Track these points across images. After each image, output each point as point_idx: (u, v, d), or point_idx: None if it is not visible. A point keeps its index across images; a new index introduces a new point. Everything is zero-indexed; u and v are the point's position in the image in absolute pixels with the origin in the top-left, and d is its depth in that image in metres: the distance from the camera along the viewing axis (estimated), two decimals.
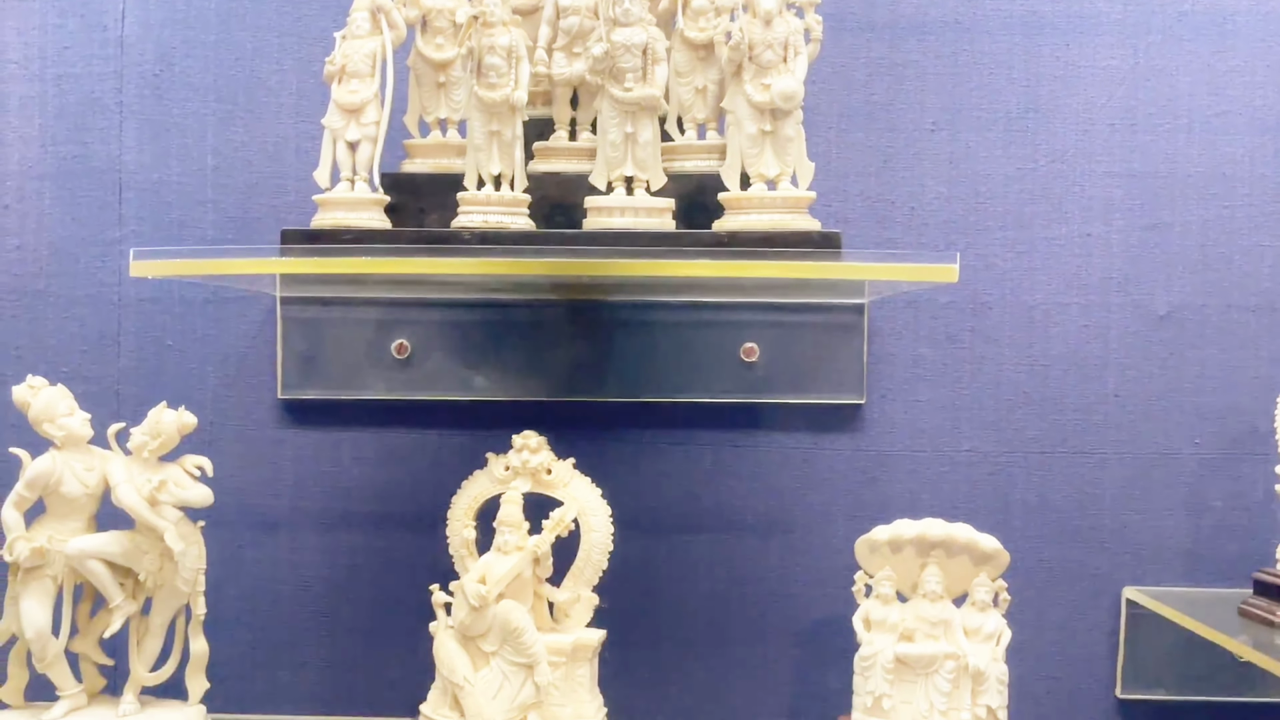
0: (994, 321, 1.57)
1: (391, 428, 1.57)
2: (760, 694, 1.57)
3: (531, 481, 1.32)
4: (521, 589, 1.27)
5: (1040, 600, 1.56)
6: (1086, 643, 1.57)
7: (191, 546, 1.25)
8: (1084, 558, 1.57)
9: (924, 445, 1.57)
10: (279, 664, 1.57)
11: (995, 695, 1.28)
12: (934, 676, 1.28)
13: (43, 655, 1.22)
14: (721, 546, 1.58)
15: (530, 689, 1.23)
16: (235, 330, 1.57)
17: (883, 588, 1.33)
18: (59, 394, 1.25)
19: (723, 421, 1.57)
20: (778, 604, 1.57)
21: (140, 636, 1.27)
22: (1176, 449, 1.56)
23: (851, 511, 1.56)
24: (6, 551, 1.21)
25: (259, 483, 1.57)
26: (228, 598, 1.53)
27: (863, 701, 1.32)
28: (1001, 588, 1.32)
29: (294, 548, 1.58)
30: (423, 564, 1.49)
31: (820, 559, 1.57)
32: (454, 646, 1.26)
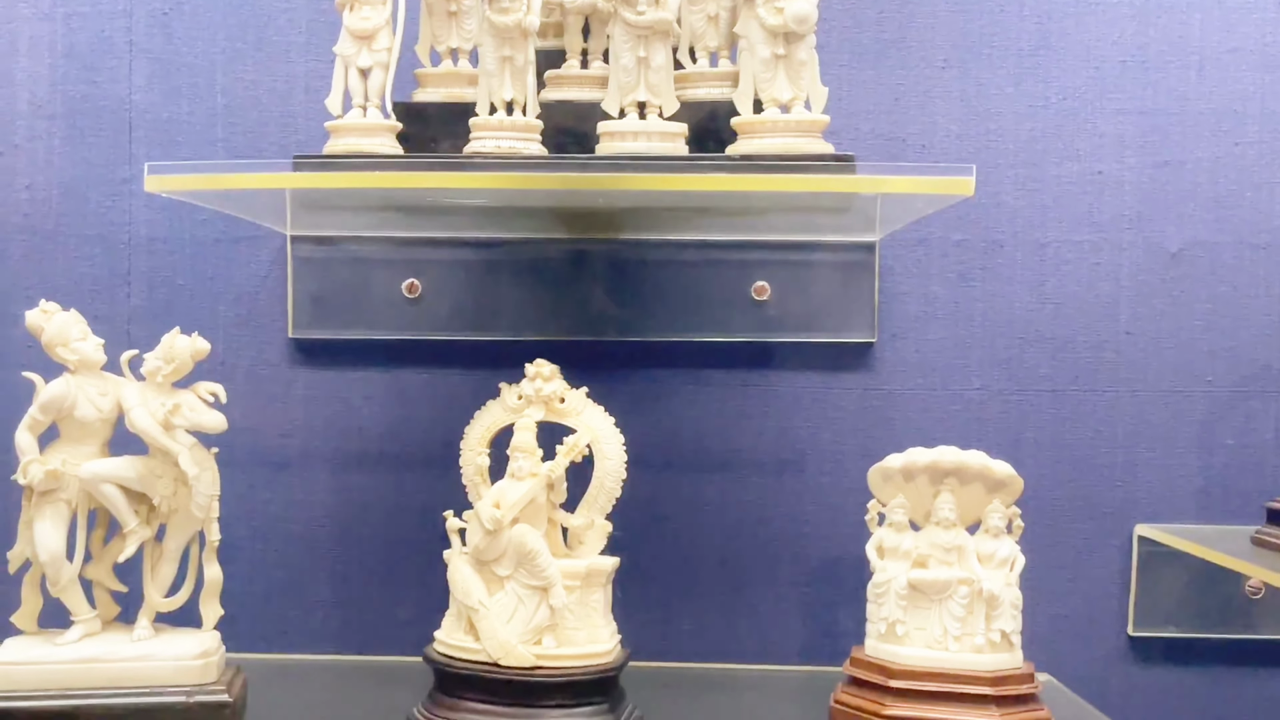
0: (1005, 260, 1.57)
1: (402, 367, 1.57)
2: (772, 631, 1.57)
3: (545, 410, 1.32)
4: (536, 514, 1.27)
5: (1052, 538, 1.56)
6: (1098, 581, 1.57)
7: (205, 472, 1.25)
8: (1095, 496, 1.57)
9: (935, 384, 1.57)
10: (290, 603, 1.57)
11: (1009, 620, 1.28)
12: (948, 602, 1.28)
13: (57, 579, 1.22)
14: (732, 485, 1.58)
15: (545, 612, 1.23)
16: (246, 270, 1.57)
17: (896, 515, 1.32)
18: (72, 319, 1.25)
19: (734, 361, 1.57)
20: (789, 542, 1.57)
21: (154, 562, 1.27)
22: (1188, 386, 1.56)
23: (863, 450, 1.55)
24: (20, 474, 1.21)
25: (270, 422, 1.57)
26: (239, 537, 1.53)
27: (876, 628, 1.32)
28: (1015, 514, 1.32)
29: (305, 487, 1.58)
30: (434, 504, 1.48)
31: (831, 497, 1.57)
32: (468, 571, 1.26)
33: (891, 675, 1.28)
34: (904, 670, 1.27)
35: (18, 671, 1.19)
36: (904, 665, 1.28)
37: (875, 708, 1.27)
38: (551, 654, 1.22)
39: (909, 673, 1.27)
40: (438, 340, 1.56)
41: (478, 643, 1.24)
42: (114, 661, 1.21)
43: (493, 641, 1.22)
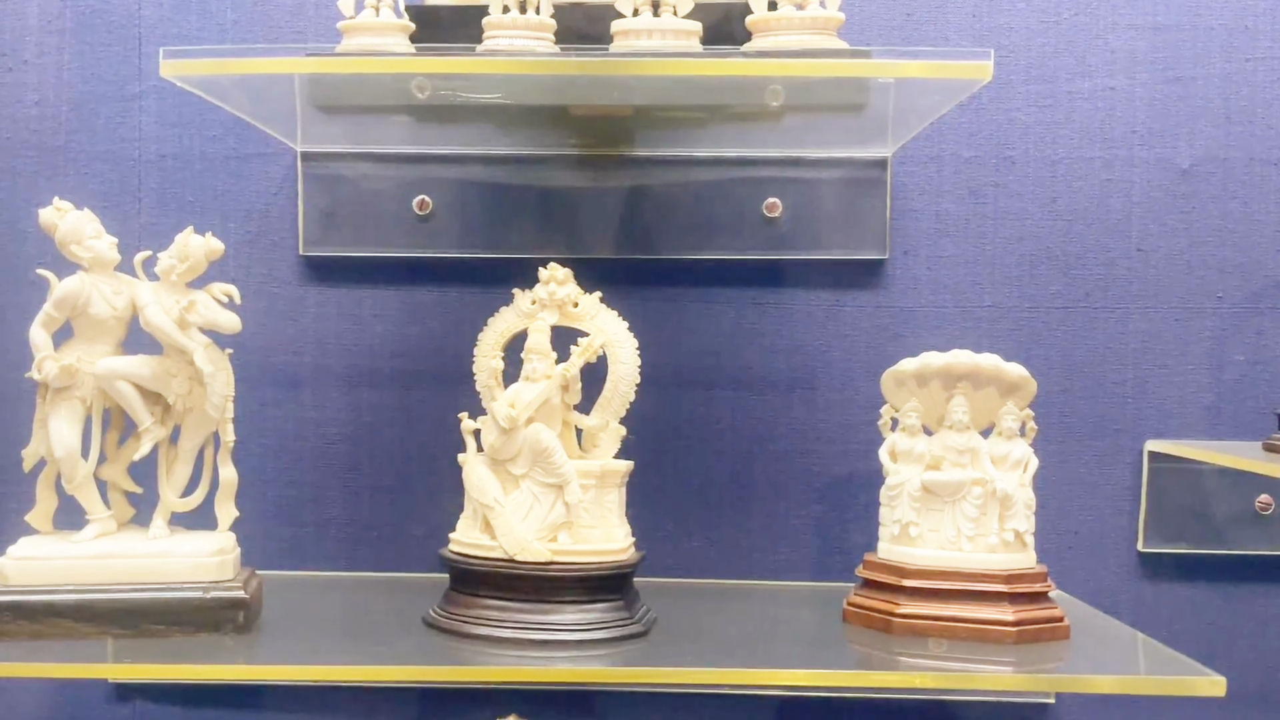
0: (1016, 176, 1.56)
1: (413, 285, 1.57)
2: (782, 549, 1.57)
3: (559, 314, 1.32)
4: (550, 415, 1.27)
5: (1062, 455, 1.56)
6: (1108, 497, 1.57)
7: (220, 372, 1.25)
8: (1106, 412, 1.57)
9: (946, 301, 1.57)
10: (302, 521, 1.57)
11: (1023, 520, 1.28)
12: (961, 503, 1.28)
13: (72, 476, 1.22)
14: (743, 403, 1.58)
15: (560, 509, 1.23)
16: (256, 187, 1.57)
17: (909, 419, 1.33)
18: (85, 217, 1.24)
19: (745, 278, 1.57)
20: (800, 460, 1.58)
21: (169, 464, 1.27)
22: (1199, 303, 1.56)
23: (874, 368, 1.54)
24: (35, 370, 1.21)
25: (281, 340, 1.57)
26: (250, 455, 1.53)
27: (889, 531, 1.32)
28: (1029, 417, 1.32)
29: (316, 405, 1.58)
30: (446, 421, 1.49)
31: (843, 415, 1.57)
32: (484, 471, 1.26)
33: (905, 575, 1.28)
34: (917, 570, 1.28)
35: (33, 566, 1.19)
36: (917, 566, 1.28)
37: (889, 607, 1.27)
38: (567, 550, 1.23)
39: (922, 572, 1.28)
40: (449, 258, 1.56)
41: (493, 540, 1.24)
42: (130, 557, 1.21)
43: (509, 538, 1.23)
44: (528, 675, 1.15)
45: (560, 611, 1.21)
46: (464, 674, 1.14)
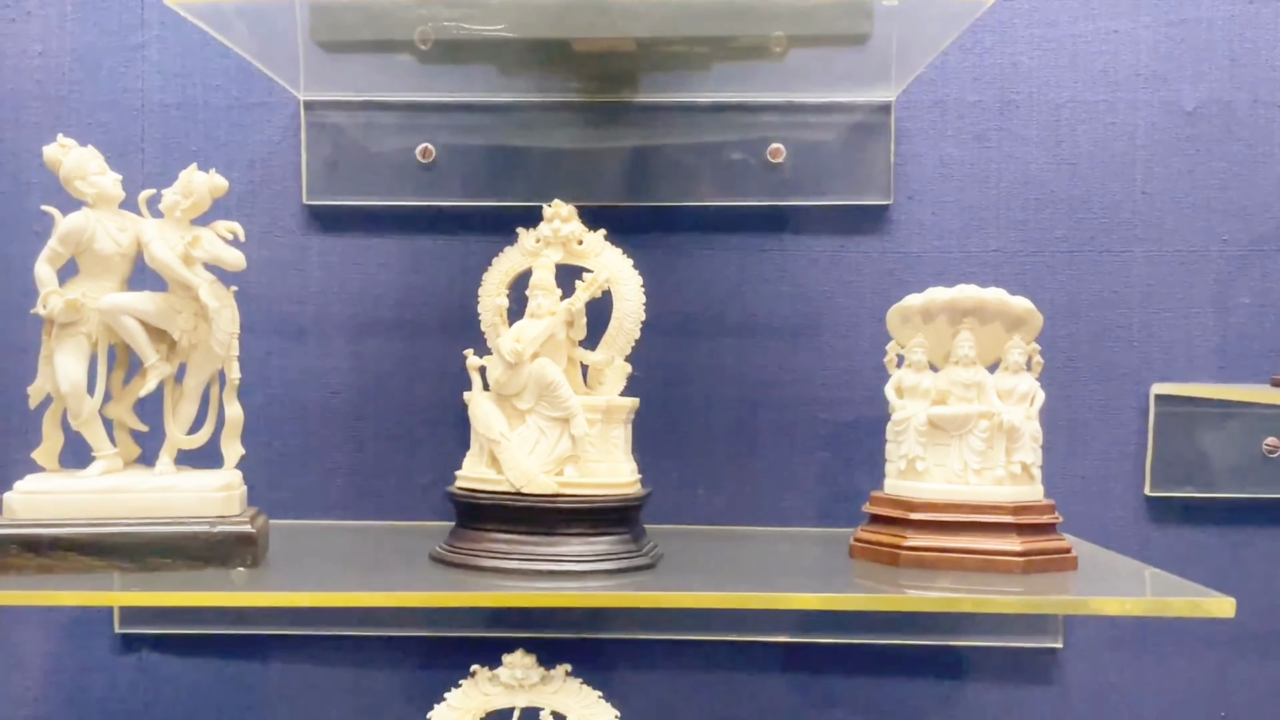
0: (1021, 120, 1.56)
1: (417, 233, 1.57)
2: (788, 495, 1.57)
3: (563, 251, 1.32)
4: (555, 350, 1.27)
5: (1068, 400, 1.56)
6: (1115, 442, 1.57)
7: (225, 309, 1.25)
8: (1111, 356, 1.56)
9: (951, 246, 1.57)
10: (307, 470, 1.57)
11: (1029, 452, 1.28)
12: (968, 436, 1.28)
13: (78, 411, 1.22)
14: (748, 350, 1.57)
15: (567, 442, 1.23)
16: (259, 136, 1.57)
17: (915, 355, 1.32)
18: (89, 154, 1.24)
19: (749, 224, 1.57)
20: (805, 406, 1.57)
21: (175, 402, 1.27)
22: (1204, 246, 1.56)
23: (878, 313, 1.54)
24: (40, 305, 1.21)
25: (284, 289, 1.57)
26: (254, 405, 1.53)
27: (895, 467, 1.32)
28: (1035, 351, 1.32)
29: (321, 354, 1.58)
30: (450, 370, 1.49)
31: (848, 361, 1.57)
32: (490, 406, 1.26)
33: (912, 509, 1.28)
34: (925, 504, 1.27)
35: (40, 500, 1.19)
36: (924, 499, 1.28)
37: (896, 541, 1.27)
38: (573, 482, 1.23)
39: (929, 505, 1.27)
40: (452, 206, 1.56)
41: (500, 474, 1.24)
42: (136, 492, 1.21)
43: (515, 471, 1.23)
44: (534, 600, 1.15)
45: (567, 543, 1.21)
46: (470, 599, 1.14)
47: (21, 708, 1.57)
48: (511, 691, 1.25)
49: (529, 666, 1.25)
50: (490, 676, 1.26)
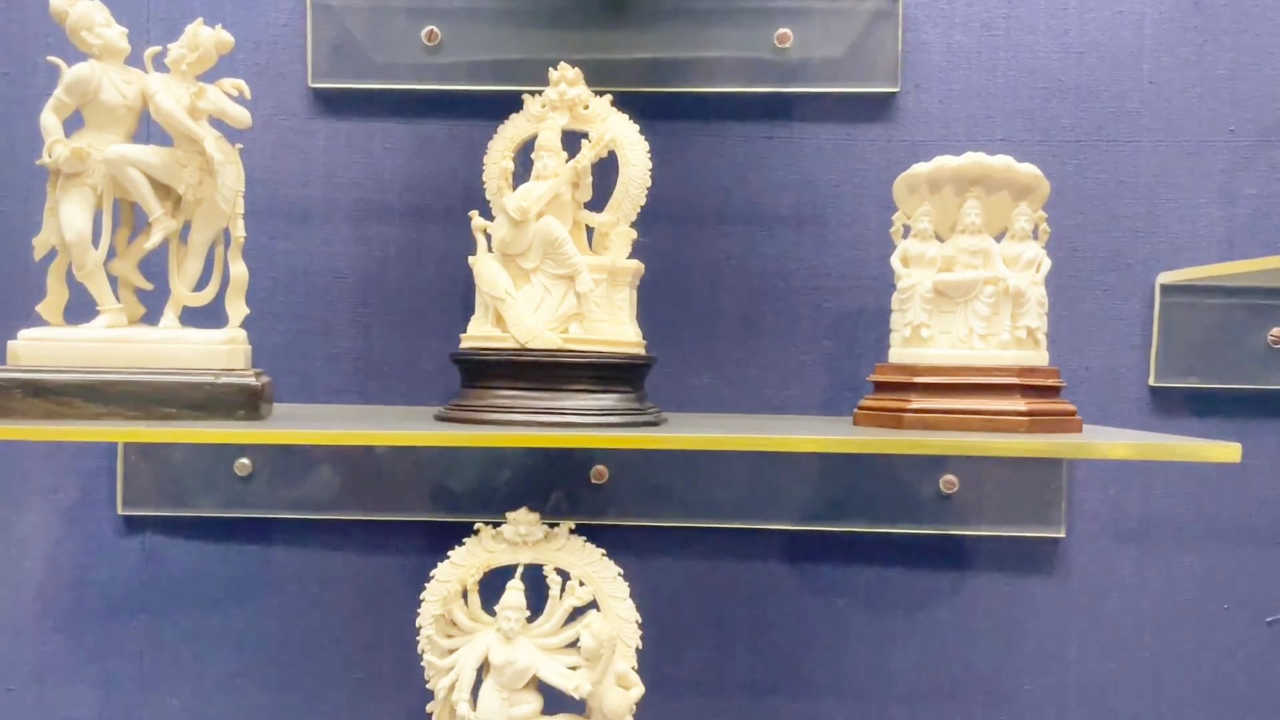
0: (1028, 8, 1.55)
1: (423, 118, 1.57)
2: (792, 385, 1.57)
3: (569, 116, 1.31)
4: (561, 211, 1.27)
5: (1073, 290, 1.55)
6: (1120, 332, 1.56)
7: (230, 165, 1.24)
8: (1117, 246, 1.56)
9: (958, 134, 1.56)
10: (312, 355, 1.57)
11: (1035, 317, 1.28)
12: (973, 302, 1.28)
13: (83, 262, 1.22)
14: (753, 239, 1.57)
15: (571, 300, 1.23)
16: (264, 18, 1.56)
17: (921, 224, 1.32)
18: (95, 6, 1.24)
19: (755, 112, 1.57)
20: (809, 296, 1.57)
21: (180, 259, 1.27)
22: (1211, 136, 1.55)
23: (885, 202, 1.54)
24: (45, 154, 1.20)
25: (290, 173, 1.57)
26: (259, 289, 1.53)
27: (900, 335, 1.32)
28: (1042, 219, 1.31)
29: (326, 239, 1.57)
30: (456, 254, 1.49)
31: (853, 250, 1.57)
32: (495, 265, 1.26)
33: (917, 373, 1.28)
34: (929, 368, 1.27)
35: (45, 348, 1.19)
36: (929, 364, 1.28)
37: (901, 405, 1.27)
38: (578, 339, 1.23)
39: (934, 369, 1.27)
40: (458, 90, 1.56)
41: (504, 332, 1.24)
42: (141, 343, 1.21)
43: (519, 327, 1.22)
44: (536, 440, 1.15)
45: (572, 398, 1.21)
46: (471, 439, 1.14)
47: (23, 591, 1.58)
48: (515, 548, 1.25)
49: (533, 523, 1.25)
50: (494, 534, 1.26)
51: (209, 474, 1.56)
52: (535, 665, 1.22)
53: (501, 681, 1.22)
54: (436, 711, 1.25)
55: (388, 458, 1.56)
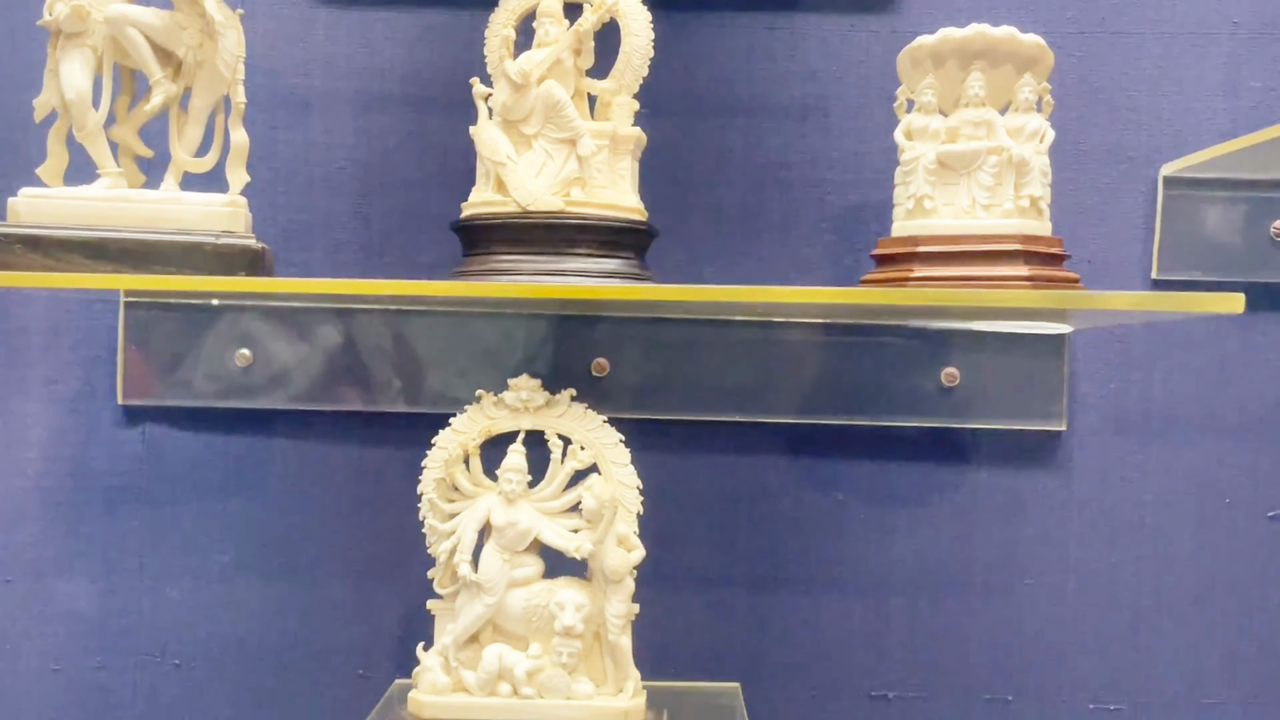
0: None
1: (426, 6, 1.56)
2: (794, 276, 1.56)
3: None
4: (563, 77, 1.26)
5: (1076, 183, 1.55)
6: (1122, 225, 1.56)
7: (230, 29, 1.24)
8: (1120, 140, 1.55)
9: (962, 23, 1.54)
10: (313, 245, 1.57)
11: (1038, 186, 1.27)
12: (976, 173, 1.27)
13: (83, 123, 1.21)
14: (756, 130, 1.56)
15: (573, 164, 1.22)
16: None
17: (925, 97, 1.31)
18: None
19: (758, 1, 1.56)
20: (812, 189, 1.57)
21: (180, 125, 1.26)
22: (1215, 28, 1.55)
23: (888, 95, 1.52)
24: (46, 12, 1.20)
25: (290, 62, 1.56)
26: (259, 179, 1.51)
27: (903, 208, 1.31)
28: (1045, 90, 1.31)
29: (326, 129, 1.57)
30: (457, 146, 1.49)
31: (856, 143, 1.56)
32: (496, 131, 1.25)
33: (919, 243, 1.27)
34: (932, 237, 1.27)
35: (46, 205, 1.19)
36: (932, 233, 1.27)
37: (903, 275, 1.26)
38: (580, 201, 1.22)
39: (937, 239, 1.27)
40: None
41: (505, 197, 1.23)
42: (142, 202, 1.21)
43: (521, 190, 1.22)
44: (539, 291, 1.15)
45: (574, 260, 1.21)
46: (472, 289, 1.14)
47: (22, 481, 1.57)
48: (516, 414, 1.25)
49: (534, 389, 1.25)
50: (495, 400, 1.26)
51: (209, 365, 1.55)
52: (536, 528, 1.22)
53: (503, 543, 1.22)
54: (438, 577, 1.25)
55: (388, 349, 1.55)
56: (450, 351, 1.55)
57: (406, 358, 1.56)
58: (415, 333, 1.55)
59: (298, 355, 1.55)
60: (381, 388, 1.56)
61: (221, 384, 1.55)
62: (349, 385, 1.56)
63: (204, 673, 1.57)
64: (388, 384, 1.56)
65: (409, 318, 1.55)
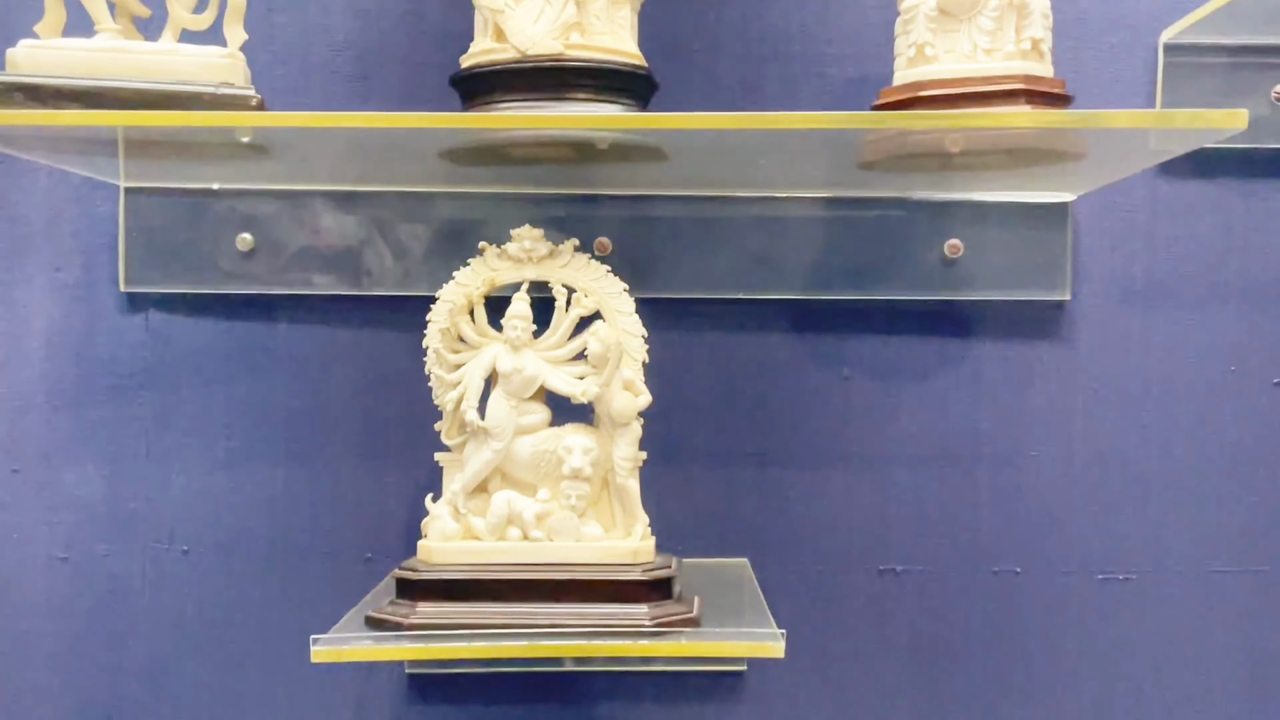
0: None
1: None
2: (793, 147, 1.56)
3: None
4: None
5: (1076, 53, 1.55)
6: (1123, 94, 1.55)
7: None
8: (1120, 7, 1.55)
9: None
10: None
11: (1040, 28, 1.26)
12: (977, 18, 1.27)
13: None
14: (754, 5, 1.56)
15: (572, 9, 1.21)
16: None
17: None
18: None
19: None
20: (814, 64, 1.56)
21: None
22: None
23: None
24: None
25: None
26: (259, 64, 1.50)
27: (905, 58, 1.30)
28: None
29: (322, 9, 1.56)
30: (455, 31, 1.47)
31: (856, 16, 1.56)
32: None
33: (921, 88, 1.27)
34: (934, 82, 1.26)
35: (44, 55, 1.19)
36: (934, 78, 1.27)
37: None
38: (579, 45, 1.22)
39: (939, 83, 1.26)
40: None
41: (504, 44, 1.23)
42: (141, 54, 1.20)
43: (520, 36, 1.21)
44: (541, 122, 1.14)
45: (575, 105, 1.20)
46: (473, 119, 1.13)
47: (27, 370, 1.57)
48: (520, 265, 1.24)
49: (537, 239, 1.25)
50: (498, 252, 1.26)
51: (211, 250, 1.55)
52: (542, 374, 1.22)
53: (509, 390, 1.22)
54: (445, 428, 1.25)
55: (390, 231, 1.55)
56: (451, 233, 1.55)
57: (408, 240, 1.55)
58: (416, 214, 1.55)
59: (300, 239, 1.55)
60: (384, 270, 1.55)
61: (224, 269, 1.55)
62: (352, 268, 1.55)
63: (212, 559, 1.57)
64: (390, 267, 1.55)
65: (410, 199, 1.55)
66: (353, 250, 1.56)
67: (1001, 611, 1.58)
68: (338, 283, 1.56)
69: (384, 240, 1.55)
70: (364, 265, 1.56)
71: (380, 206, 1.55)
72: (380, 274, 1.55)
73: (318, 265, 1.56)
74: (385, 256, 1.55)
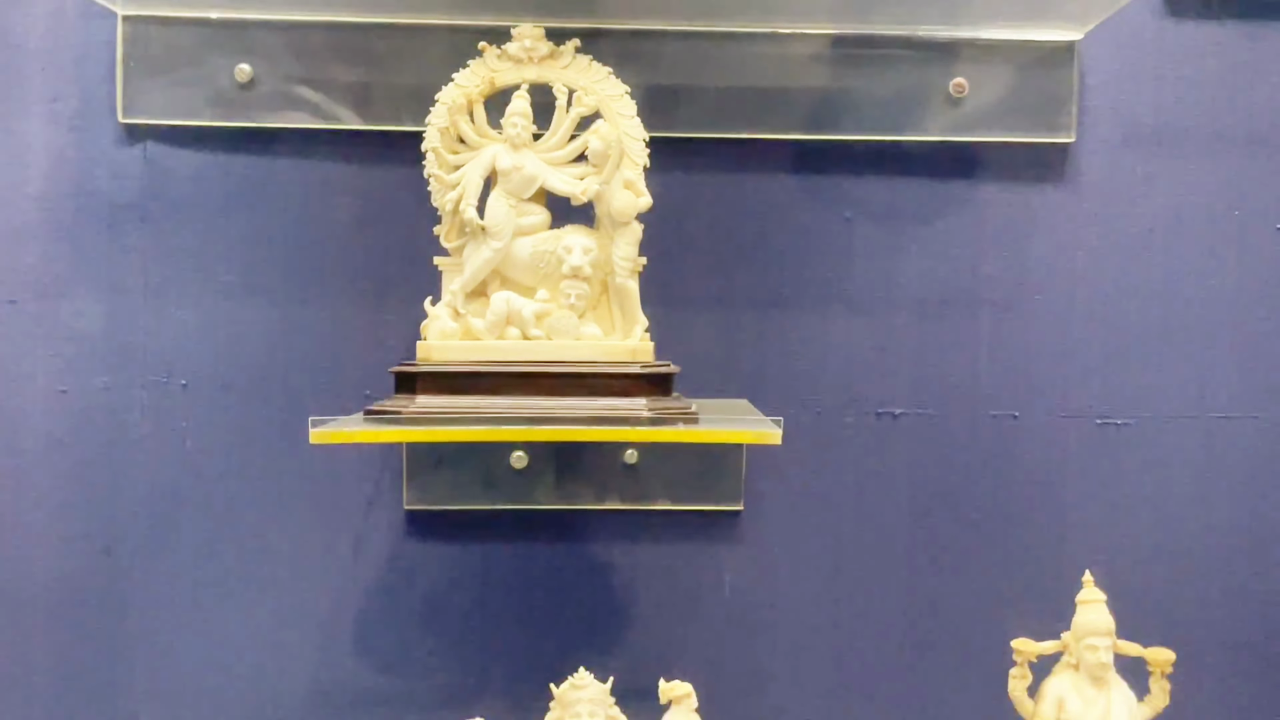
0: None
1: None
2: None
3: None
4: None
5: None
6: None
7: None
8: None
9: None
10: None
11: None
12: None
13: None
14: None
15: None
16: None
17: None
18: None
19: None
20: None
21: None
22: None
23: None
24: None
25: None
26: None
27: None
28: None
29: None
30: None
31: None
32: None
33: None
34: None
35: None
36: None
37: None
38: None
39: None
40: None
41: None
42: None
43: None
44: None
45: None
46: None
47: (24, 201, 1.56)
48: (520, 65, 1.23)
49: (538, 38, 1.23)
50: (499, 52, 1.25)
51: (209, 81, 1.54)
52: (542, 174, 1.21)
53: (509, 188, 1.21)
54: (444, 231, 1.24)
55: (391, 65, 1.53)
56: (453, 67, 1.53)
57: (409, 74, 1.54)
58: (416, 49, 1.53)
59: (299, 71, 1.53)
60: (384, 105, 1.54)
61: (222, 101, 1.54)
62: (351, 102, 1.54)
63: (211, 393, 1.57)
64: (390, 101, 1.54)
65: (410, 32, 1.53)
66: (353, 83, 1.54)
67: (999, 456, 1.58)
68: (337, 116, 1.54)
69: (383, 73, 1.54)
70: (363, 98, 1.54)
71: (378, 38, 1.53)
72: (380, 107, 1.54)
73: (317, 98, 1.54)
74: (384, 90, 1.54)
